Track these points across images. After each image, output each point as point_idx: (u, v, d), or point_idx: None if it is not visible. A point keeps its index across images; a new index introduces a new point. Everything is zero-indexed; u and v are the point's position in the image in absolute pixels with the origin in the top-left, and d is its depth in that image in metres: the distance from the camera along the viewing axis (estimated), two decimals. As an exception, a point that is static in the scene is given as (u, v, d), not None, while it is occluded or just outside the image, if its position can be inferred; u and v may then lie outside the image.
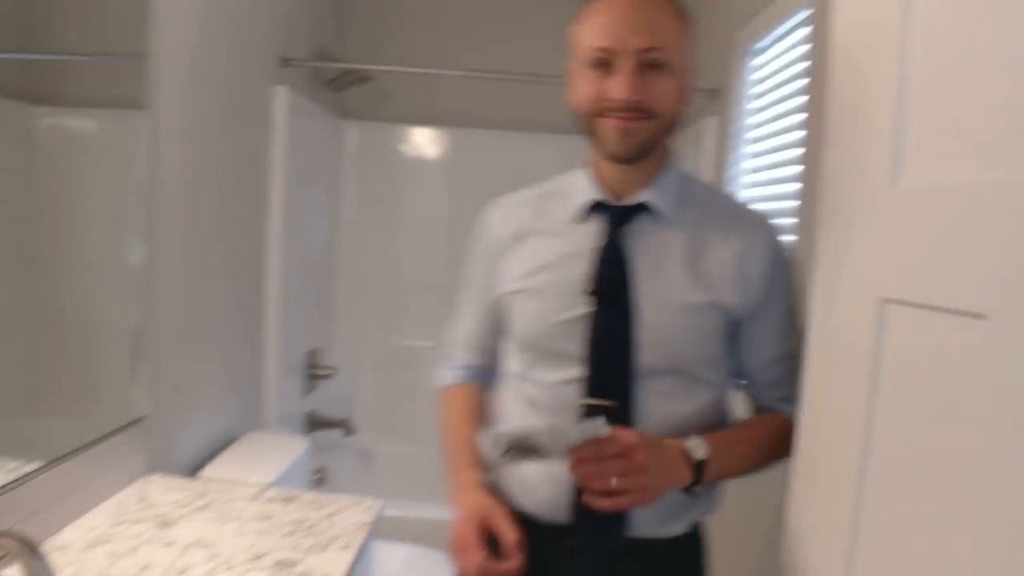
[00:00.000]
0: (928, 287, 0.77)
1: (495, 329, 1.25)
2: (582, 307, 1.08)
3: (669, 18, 1.04)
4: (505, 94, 3.03)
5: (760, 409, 1.20)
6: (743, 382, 1.20)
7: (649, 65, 1.02)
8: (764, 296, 1.12)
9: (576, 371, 1.08)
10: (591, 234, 1.11)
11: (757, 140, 2.09)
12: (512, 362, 1.19)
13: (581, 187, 1.14)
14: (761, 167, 2.04)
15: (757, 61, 2.09)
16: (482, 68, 2.66)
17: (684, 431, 1.07)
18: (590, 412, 1.05)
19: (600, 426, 0.95)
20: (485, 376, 1.31)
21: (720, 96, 2.34)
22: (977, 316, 0.69)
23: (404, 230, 3.16)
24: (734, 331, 1.13)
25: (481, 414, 1.25)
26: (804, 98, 1.65)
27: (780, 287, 1.13)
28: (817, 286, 1.03)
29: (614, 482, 0.97)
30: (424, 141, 3.16)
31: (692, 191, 1.15)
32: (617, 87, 1.01)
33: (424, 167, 3.17)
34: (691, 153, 2.54)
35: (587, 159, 1.17)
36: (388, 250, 3.17)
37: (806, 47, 1.65)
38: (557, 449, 0.96)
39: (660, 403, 1.08)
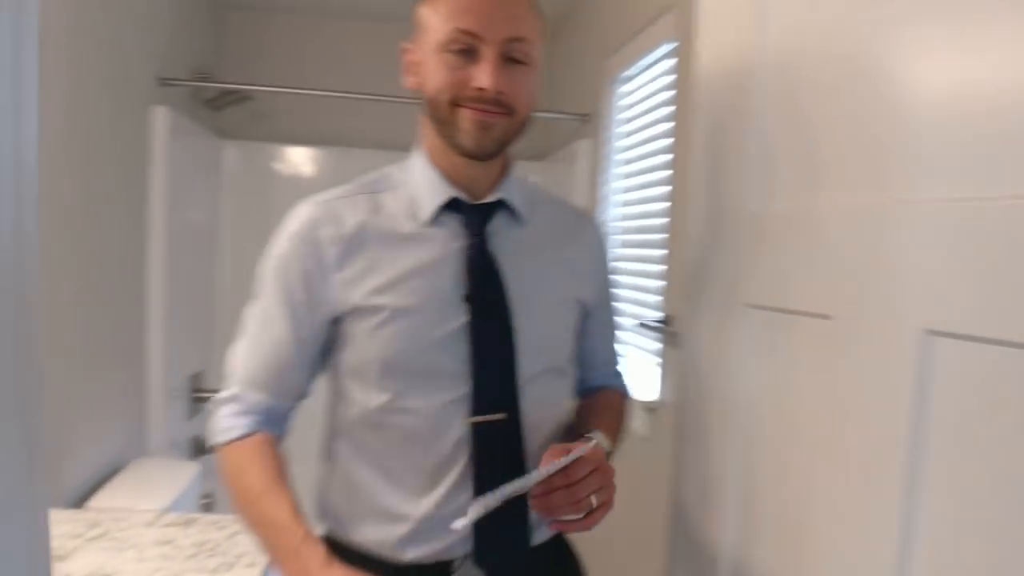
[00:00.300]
0: (782, 294, 0.91)
1: (311, 359, 1.04)
2: (461, 317, 0.98)
3: (530, 11, 0.98)
4: (383, 114, 3.09)
5: (593, 389, 1.19)
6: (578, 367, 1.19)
7: (511, 58, 0.95)
8: (605, 287, 1.16)
9: (460, 389, 0.98)
10: (451, 236, 1.01)
11: (628, 162, 2.25)
12: (365, 395, 1.01)
13: (429, 184, 1.02)
14: (632, 187, 2.20)
15: (626, 88, 2.26)
16: (359, 89, 2.70)
17: (558, 427, 1.07)
18: (478, 430, 0.98)
19: (587, 447, 0.89)
20: (279, 423, 1.05)
21: (592, 120, 2.50)
22: (824, 317, 0.82)
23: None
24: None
25: (286, 472, 0.99)
26: (671, 124, 1.81)
27: (610, 277, 1.18)
28: (691, 294, 1.16)
29: (593, 501, 0.92)
30: (302, 160, 3.16)
31: (532, 191, 1.11)
32: (483, 76, 0.93)
33: (303, 186, 3.15)
34: (565, 174, 2.69)
35: (426, 152, 1.05)
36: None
37: (671, 77, 1.81)
38: (523, 490, 0.89)
39: (540, 404, 1.04)
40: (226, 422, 1.01)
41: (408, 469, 1.00)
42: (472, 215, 1.02)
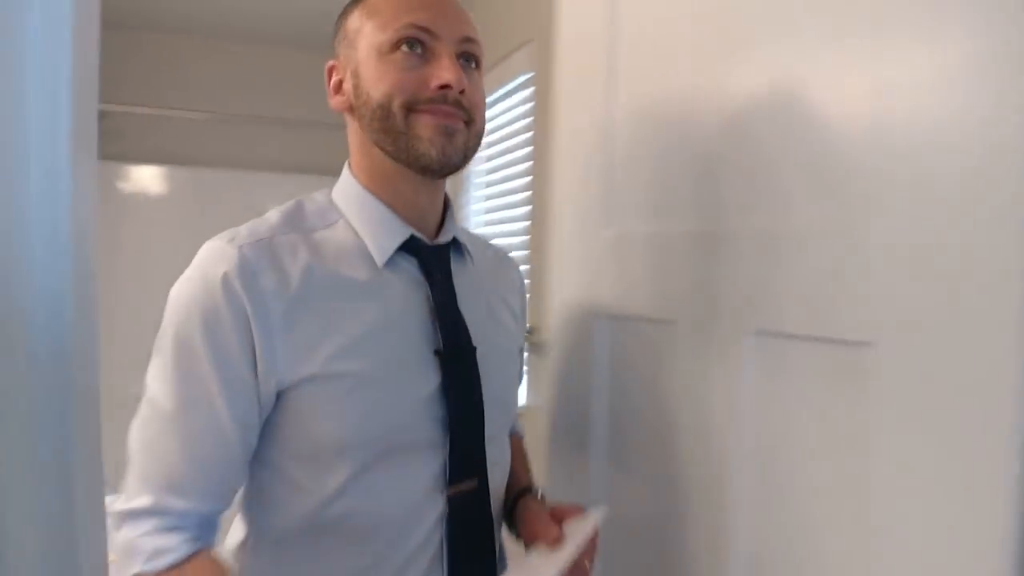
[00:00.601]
0: (630, 302, 1.03)
1: (252, 447, 0.82)
2: (433, 377, 0.84)
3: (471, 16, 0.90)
4: (236, 134, 3.06)
5: None
6: None
7: (465, 59, 0.85)
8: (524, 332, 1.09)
9: (437, 460, 0.85)
10: (411, 281, 0.87)
11: (489, 185, 2.36)
12: (316, 483, 0.81)
13: (377, 220, 0.86)
14: (493, 208, 2.32)
15: (487, 113, 2.37)
16: (213, 108, 2.68)
17: (504, 486, 0.98)
18: (453, 502, 0.86)
19: (598, 518, 0.86)
20: (214, 531, 0.83)
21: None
22: (668, 322, 0.96)
23: (130, 273, 3.02)
24: None
25: None
26: (529, 148, 1.95)
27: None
28: (553, 305, 1.28)
29: (587, 565, 0.89)
30: (154, 180, 3.06)
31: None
32: (444, 72, 0.80)
33: (154, 207, 3.07)
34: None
35: (363, 180, 0.89)
36: (114, 293, 3.01)
37: (531, 104, 1.95)
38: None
39: (499, 465, 0.93)
40: (151, 543, 0.76)
41: (372, 565, 0.83)
42: (432, 258, 0.88)
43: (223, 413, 0.77)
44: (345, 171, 0.91)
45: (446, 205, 0.93)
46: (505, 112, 2.20)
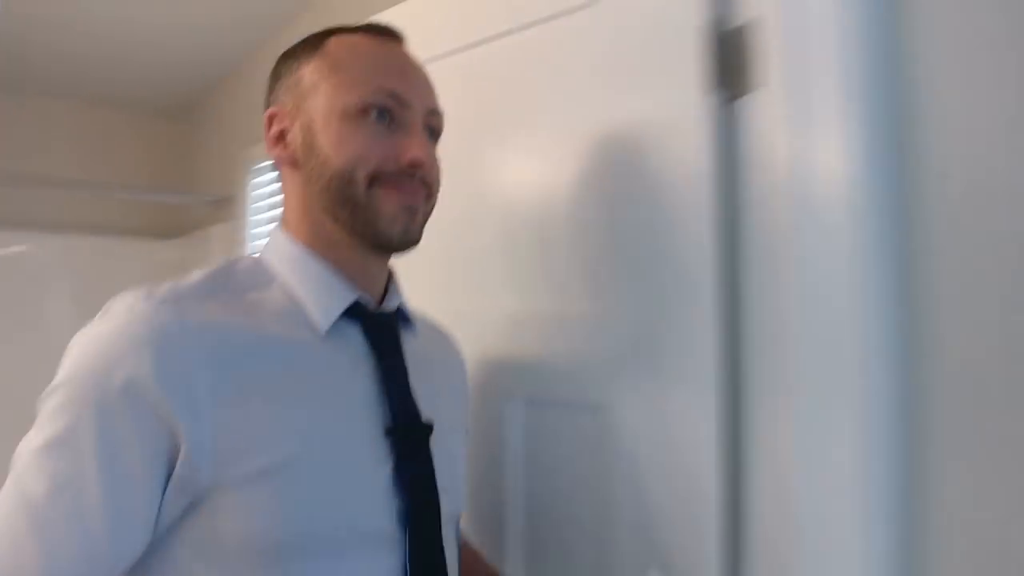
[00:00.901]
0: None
1: (132, 553, 0.64)
2: (384, 459, 0.72)
3: None
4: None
5: None
6: None
7: (429, 132, 0.80)
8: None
9: (389, 559, 0.70)
10: (357, 352, 0.76)
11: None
12: None
13: (318, 283, 0.76)
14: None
15: (263, 179, 2.31)
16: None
17: None
18: None
19: None
20: None
21: (227, 205, 2.49)
22: (509, 397, 1.04)
23: None
24: None
25: None
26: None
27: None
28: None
29: None
30: None
31: None
32: (416, 148, 0.75)
33: None
34: (201, 255, 2.62)
35: (303, 240, 0.78)
36: None
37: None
38: None
39: (453, 562, 0.79)
40: None
41: None
42: (379, 327, 0.78)
43: (97, 520, 0.61)
44: (277, 231, 0.80)
45: (390, 273, 0.85)
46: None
